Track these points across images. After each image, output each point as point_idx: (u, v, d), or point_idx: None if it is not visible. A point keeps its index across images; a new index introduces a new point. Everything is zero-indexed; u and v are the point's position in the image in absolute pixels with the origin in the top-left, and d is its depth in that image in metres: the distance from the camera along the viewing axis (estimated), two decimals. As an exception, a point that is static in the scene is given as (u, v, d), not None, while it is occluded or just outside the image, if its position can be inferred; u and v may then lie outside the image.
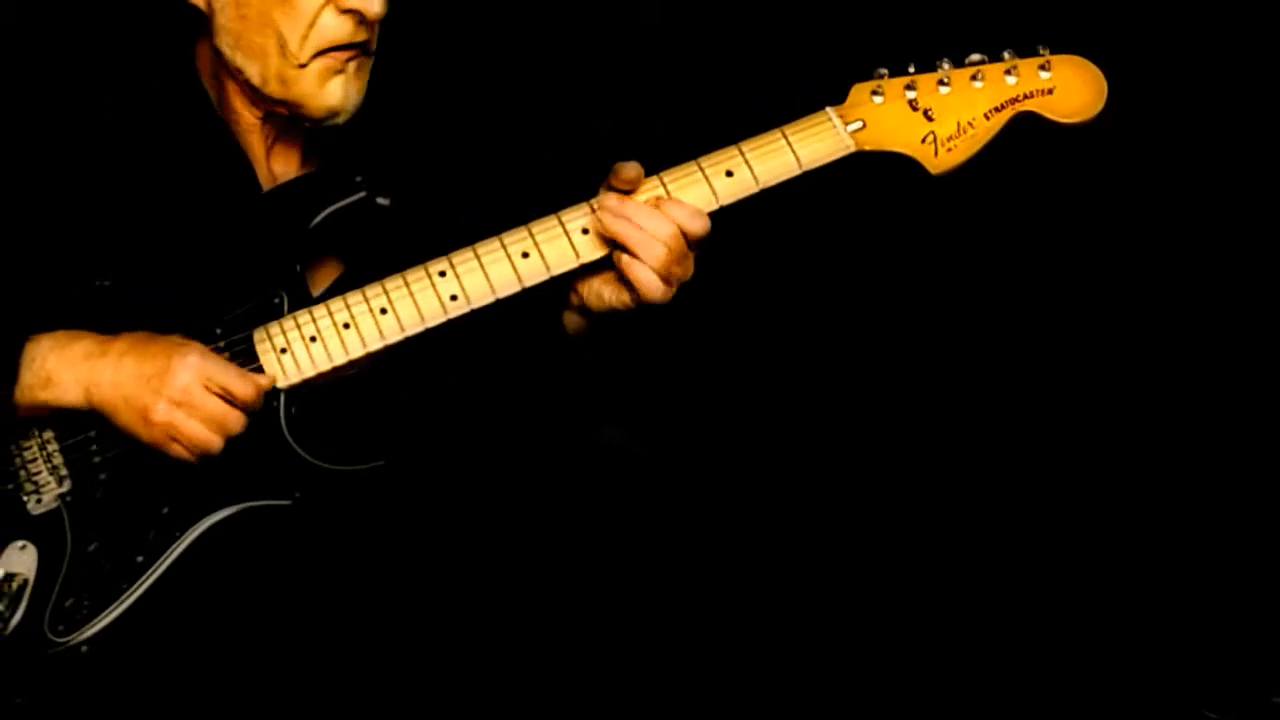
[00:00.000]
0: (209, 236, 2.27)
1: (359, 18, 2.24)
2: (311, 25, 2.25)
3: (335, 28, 2.25)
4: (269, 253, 2.27)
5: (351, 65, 2.28)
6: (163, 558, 2.19)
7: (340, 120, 2.30)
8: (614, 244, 2.21)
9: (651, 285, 2.19)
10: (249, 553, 2.21)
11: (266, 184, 2.37)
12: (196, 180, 2.30)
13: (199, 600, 2.19)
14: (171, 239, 2.27)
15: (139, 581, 2.18)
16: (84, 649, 2.17)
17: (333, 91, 2.28)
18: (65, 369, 2.16)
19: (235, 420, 2.16)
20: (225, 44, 2.29)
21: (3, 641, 2.16)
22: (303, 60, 2.26)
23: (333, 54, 2.27)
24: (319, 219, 2.28)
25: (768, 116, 2.26)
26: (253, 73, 2.29)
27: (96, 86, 2.33)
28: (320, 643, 2.20)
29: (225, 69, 2.31)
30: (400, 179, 2.38)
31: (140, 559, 2.19)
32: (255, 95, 2.31)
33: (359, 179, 2.30)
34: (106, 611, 2.17)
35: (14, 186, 2.27)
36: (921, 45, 2.27)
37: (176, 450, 2.15)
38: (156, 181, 2.29)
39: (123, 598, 2.17)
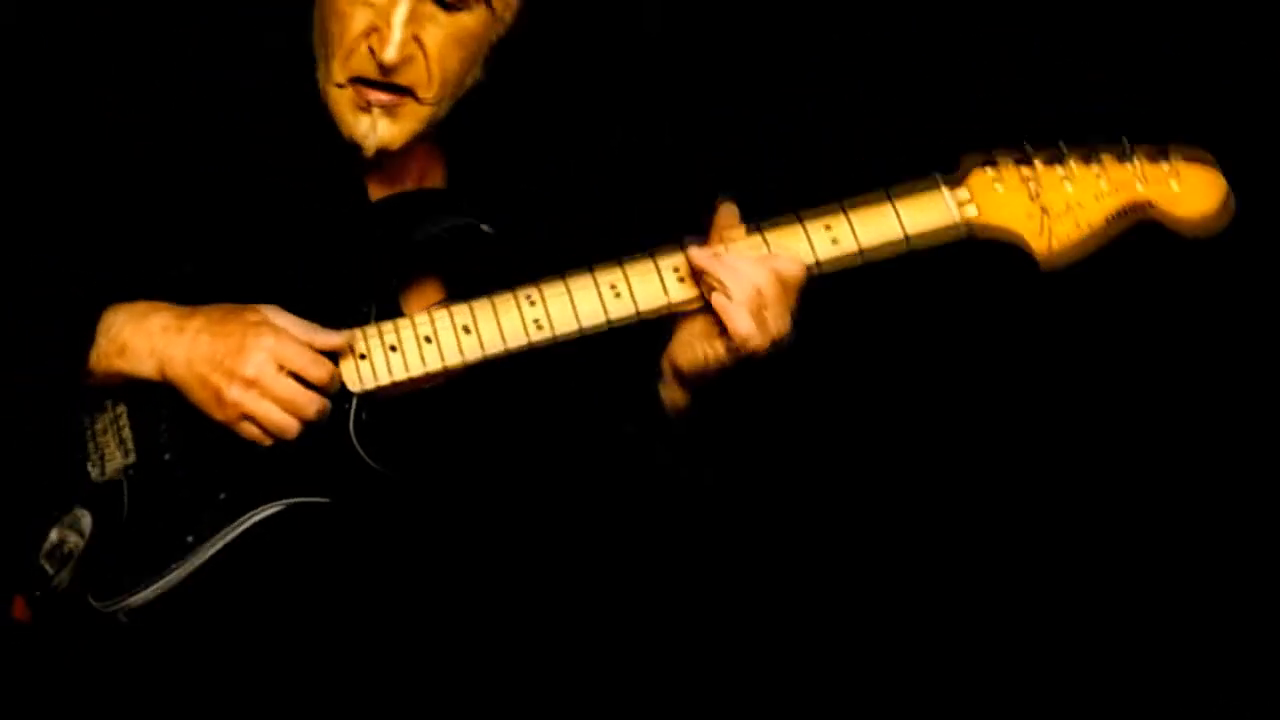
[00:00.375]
0: (310, 238, 2.28)
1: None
2: (351, 51, 2.23)
3: (364, 61, 2.23)
4: (366, 263, 2.27)
5: (378, 110, 2.24)
6: (213, 541, 2.18)
7: (367, 155, 2.27)
8: (707, 288, 2.19)
9: (744, 324, 2.16)
10: (300, 548, 2.20)
11: (376, 193, 2.37)
12: (308, 181, 2.31)
13: (243, 588, 2.18)
14: (273, 235, 2.28)
15: (186, 560, 2.18)
16: (123, 619, 2.16)
17: (358, 124, 2.26)
18: (141, 340, 2.17)
19: (309, 402, 2.15)
20: (313, 41, 2.31)
21: (47, 601, 2.18)
22: (339, 81, 2.25)
23: (359, 87, 2.24)
24: (420, 237, 2.28)
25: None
26: (320, 76, 2.29)
27: (219, 71, 2.35)
28: (364, 647, 2.17)
29: None
30: (507, 208, 2.37)
31: (190, 539, 2.18)
32: None
33: (466, 203, 2.31)
34: (151, 585, 2.17)
35: (115, 163, 2.28)
36: (1045, 132, 2.22)
37: (249, 431, 2.15)
38: (266, 176, 2.30)
39: (168, 574, 2.17)
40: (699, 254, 2.20)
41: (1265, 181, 2.43)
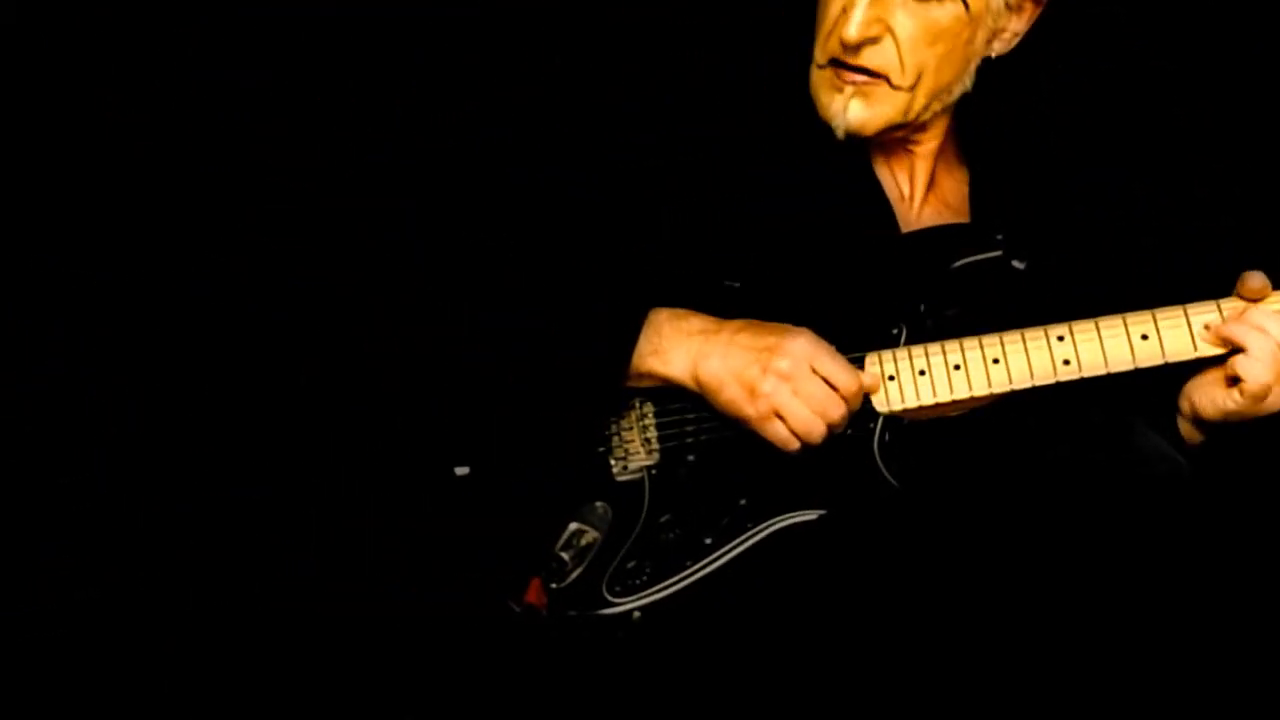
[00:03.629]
0: (842, 262, 2.36)
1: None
2: (830, 33, 2.34)
3: (837, 41, 2.32)
4: (898, 288, 2.35)
5: (850, 89, 2.34)
6: (731, 545, 2.24)
7: (838, 137, 2.36)
8: (1231, 345, 2.26)
9: (1258, 383, 2.22)
10: (809, 559, 2.24)
11: (900, 211, 2.45)
12: (838, 206, 2.40)
13: (757, 594, 2.23)
14: (804, 255, 2.36)
15: (703, 562, 2.23)
16: (636, 615, 2.21)
17: (833, 104, 2.36)
18: (677, 341, 2.25)
19: (836, 408, 2.21)
20: None
21: (559, 592, 2.24)
22: (820, 62, 2.36)
23: (836, 69, 2.34)
24: (953, 267, 2.36)
25: None
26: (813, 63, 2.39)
27: (755, 96, 2.46)
28: (873, 657, 2.18)
29: None
30: (1041, 247, 2.43)
31: (709, 541, 2.24)
32: None
33: (1000, 237, 2.38)
34: (665, 584, 2.22)
35: (664, 174, 2.39)
36: None
37: (775, 430, 2.21)
38: (796, 196, 2.39)
39: (684, 574, 2.22)
40: (1222, 323, 2.26)
41: None
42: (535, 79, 2.80)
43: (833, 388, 2.22)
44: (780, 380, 2.20)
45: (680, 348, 2.24)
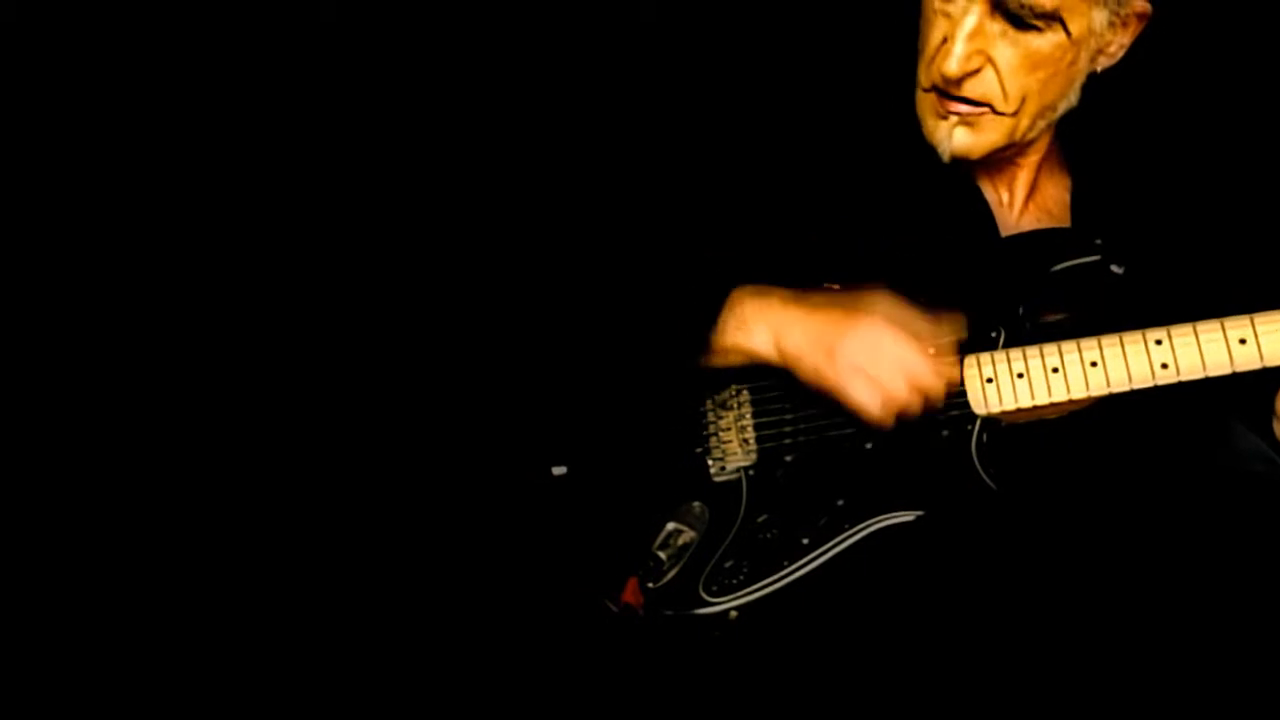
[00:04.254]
0: (941, 265, 2.37)
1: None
2: (932, 59, 2.33)
3: (939, 71, 2.31)
4: (997, 292, 2.35)
5: (954, 119, 2.34)
6: (829, 545, 2.23)
7: (944, 160, 2.36)
8: None
9: None
10: (905, 560, 2.23)
11: (1000, 216, 2.46)
12: (938, 209, 2.41)
13: (854, 595, 2.21)
14: (903, 257, 2.37)
15: (801, 562, 2.22)
16: (732, 615, 2.20)
17: (936, 130, 2.36)
18: (760, 313, 2.25)
19: (917, 362, 2.20)
20: None
21: (656, 591, 2.22)
22: (924, 85, 2.36)
23: (939, 96, 2.34)
24: (1052, 270, 2.37)
25: None
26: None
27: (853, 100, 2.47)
28: (974, 662, 2.16)
29: None
30: (1140, 251, 2.43)
31: (806, 541, 2.23)
32: None
33: (1098, 241, 2.39)
34: (762, 584, 2.21)
35: (762, 176, 2.40)
36: None
37: (857, 392, 2.20)
38: (896, 199, 2.40)
39: (781, 573, 2.21)
40: None
41: None
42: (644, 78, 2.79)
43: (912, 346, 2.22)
44: (859, 339, 2.20)
45: (762, 320, 2.25)
